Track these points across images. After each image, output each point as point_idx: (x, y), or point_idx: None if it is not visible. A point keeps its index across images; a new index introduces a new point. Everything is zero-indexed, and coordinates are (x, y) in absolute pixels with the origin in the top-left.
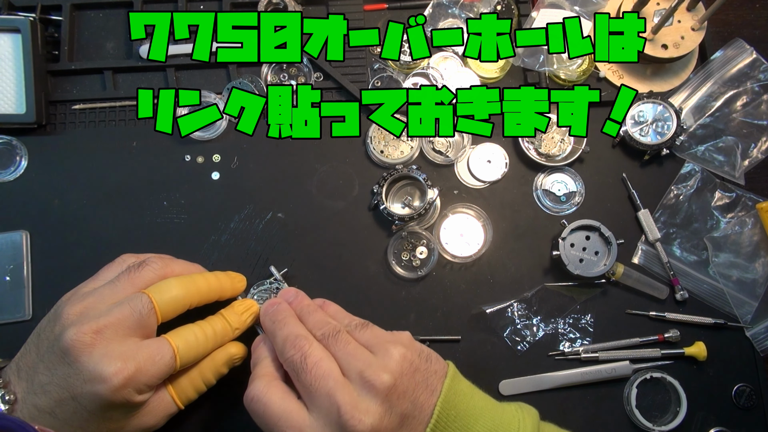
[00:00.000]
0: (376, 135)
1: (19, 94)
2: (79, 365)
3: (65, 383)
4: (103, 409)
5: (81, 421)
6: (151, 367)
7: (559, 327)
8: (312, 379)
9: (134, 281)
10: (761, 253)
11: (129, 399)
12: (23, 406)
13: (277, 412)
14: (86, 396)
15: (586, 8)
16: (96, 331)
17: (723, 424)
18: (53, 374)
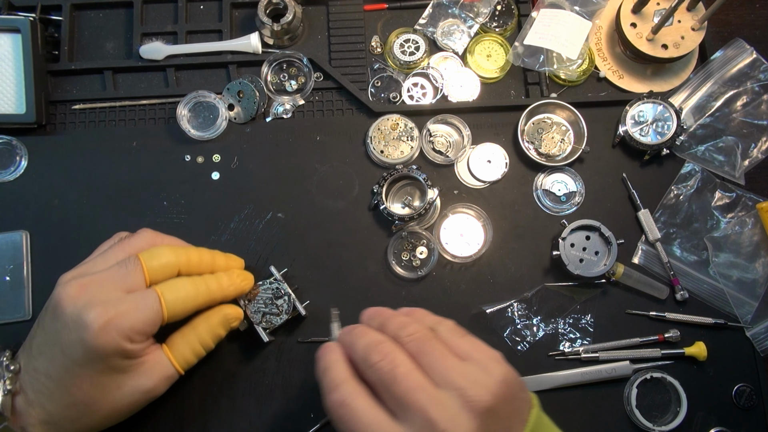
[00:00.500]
0: (376, 135)
1: (19, 94)
2: (65, 316)
3: (55, 338)
4: (91, 360)
5: (73, 377)
6: (135, 313)
7: (559, 327)
8: (404, 391)
9: (125, 248)
10: (761, 253)
11: (116, 345)
12: (25, 372)
13: (365, 420)
14: (72, 345)
15: (586, 8)
16: (81, 284)
17: (723, 425)
18: (47, 333)
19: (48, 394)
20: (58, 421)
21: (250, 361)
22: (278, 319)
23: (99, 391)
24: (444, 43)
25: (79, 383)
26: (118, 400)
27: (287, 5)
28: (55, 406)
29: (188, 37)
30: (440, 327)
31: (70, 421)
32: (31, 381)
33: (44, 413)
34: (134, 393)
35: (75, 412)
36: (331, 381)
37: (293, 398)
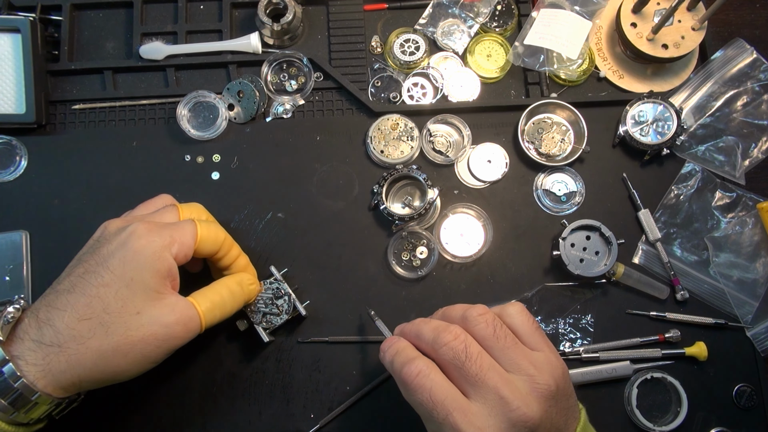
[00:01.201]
0: (376, 135)
1: (19, 94)
2: (109, 235)
3: (93, 256)
4: (124, 262)
5: (99, 285)
6: (174, 226)
7: (559, 327)
8: (478, 369)
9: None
10: (762, 253)
11: (154, 252)
12: (39, 302)
13: (443, 391)
14: (110, 253)
15: (586, 8)
16: (123, 218)
17: (723, 425)
18: (81, 257)
19: (62, 308)
20: (63, 341)
21: (250, 361)
22: (278, 319)
23: (119, 305)
24: (444, 43)
25: (104, 293)
26: (135, 326)
27: (287, 5)
28: (67, 319)
29: (188, 37)
30: (508, 311)
31: (78, 340)
32: (47, 302)
33: (51, 331)
34: (152, 323)
35: (86, 328)
36: (404, 358)
37: (293, 398)
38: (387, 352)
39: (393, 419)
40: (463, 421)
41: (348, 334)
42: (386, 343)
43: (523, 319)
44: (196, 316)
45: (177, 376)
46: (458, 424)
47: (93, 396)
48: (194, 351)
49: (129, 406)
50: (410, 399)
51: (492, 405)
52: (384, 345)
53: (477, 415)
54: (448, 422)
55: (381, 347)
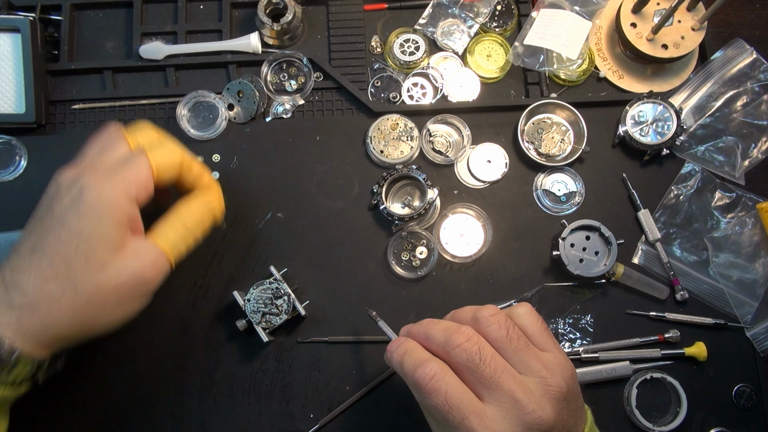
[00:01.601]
0: (375, 135)
1: (19, 93)
2: (60, 188)
3: (48, 211)
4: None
5: (57, 243)
6: (125, 166)
7: (559, 327)
8: (492, 372)
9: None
10: (761, 254)
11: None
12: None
13: (458, 395)
14: (66, 209)
15: (586, 8)
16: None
17: (723, 425)
18: (37, 214)
19: (26, 269)
20: (34, 302)
21: (250, 361)
22: (278, 319)
23: (82, 261)
24: (444, 43)
25: (64, 251)
26: (103, 280)
27: (287, 5)
28: (33, 280)
29: (188, 36)
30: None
31: (48, 300)
32: (11, 265)
33: (19, 293)
34: (120, 274)
35: (55, 287)
36: (415, 360)
37: (293, 398)
38: (395, 353)
39: (393, 419)
40: (479, 425)
41: (348, 334)
42: (393, 344)
43: (532, 319)
44: (163, 256)
45: (177, 376)
46: (474, 429)
47: (93, 396)
48: (194, 351)
49: (129, 406)
50: (424, 402)
51: (507, 408)
52: (391, 346)
53: (492, 419)
54: (464, 426)
55: (387, 348)
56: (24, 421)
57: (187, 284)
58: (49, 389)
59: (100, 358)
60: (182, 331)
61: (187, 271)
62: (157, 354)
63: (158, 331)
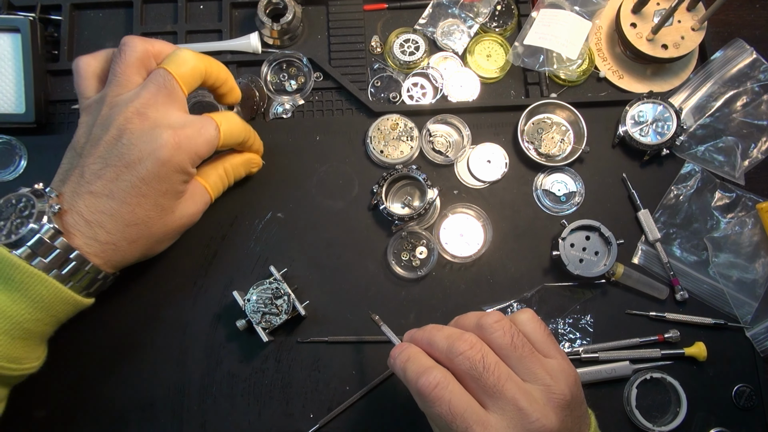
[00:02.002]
0: (375, 135)
1: (19, 93)
2: (133, 136)
3: (121, 161)
4: (159, 178)
5: (138, 195)
6: (199, 138)
7: (559, 327)
8: (496, 381)
9: (137, 64)
10: (761, 254)
11: (183, 166)
12: (75, 197)
13: (462, 403)
14: (142, 162)
15: (586, 8)
16: (137, 113)
17: (723, 425)
18: (107, 159)
19: (109, 214)
20: (117, 241)
21: (250, 361)
22: (278, 319)
23: (158, 211)
24: (444, 43)
25: (144, 202)
26: (171, 223)
27: (287, 5)
28: (116, 224)
29: (188, 37)
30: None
31: (128, 241)
32: (88, 204)
33: (103, 232)
34: (183, 216)
35: (135, 231)
36: (419, 367)
37: (293, 398)
38: (398, 359)
39: (393, 419)
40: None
41: (347, 334)
42: (396, 350)
43: (535, 326)
44: (209, 197)
45: (177, 376)
46: None
47: (93, 396)
48: (194, 351)
49: (129, 406)
50: (428, 411)
51: (510, 417)
52: (394, 351)
53: (496, 428)
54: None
55: (391, 353)
56: (24, 421)
57: (187, 284)
58: (50, 389)
59: (101, 358)
60: (182, 331)
61: (187, 271)
62: (157, 354)
63: (158, 331)
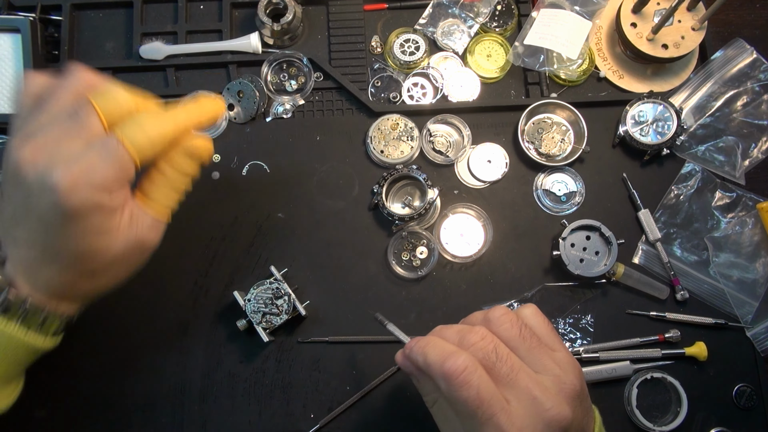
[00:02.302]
0: (376, 135)
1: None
2: (28, 183)
3: (25, 207)
4: (70, 221)
5: (56, 242)
6: (102, 164)
7: (559, 327)
8: (509, 370)
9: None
10: (762, 253)
11: (93, 201)
12: (7, 244)
13: (489, 390)
14: (45, 211)
15: (586, 8)
16: (35, 145)
17: (723, 425)
18: (15, 204)
19: (38, 263)
20: (58, 287)
21: (250, 361)
22: (278, 319)
23: (88, 251)
24: (444, 43)
25: (66, 246)
26: (113, 255)
27: (287, 5)
28: (51, 272)
29: (188, 37)
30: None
31: (70, 284)
32: (17, 253)
33: (42, 281)
34: (126, 246)
35: (72, 275)
36: (442, 351)
37: (293, 398)
38: (415, 347)
39: (393, 419)
40: (507, 423)
41: (348, 334)
42: (412, 341)
43: (539, 320)
44: (157, 220)
45: (177, 376)
46: (503, 426)
47: (93, 396)
48: (194, 351)
49: (129, 406)
50: (453, 395)
51: (525, 405)
52: (410, 343)
53: (517, 416)
54: (493, 423)
55: (406, 346)
56: (24, 421)
57: (187, 284)
58: (50, 389)
59: (101, 358)
60: (182, 331)
61: (188, 271)
62: (157, 354)
63: (158, 331)
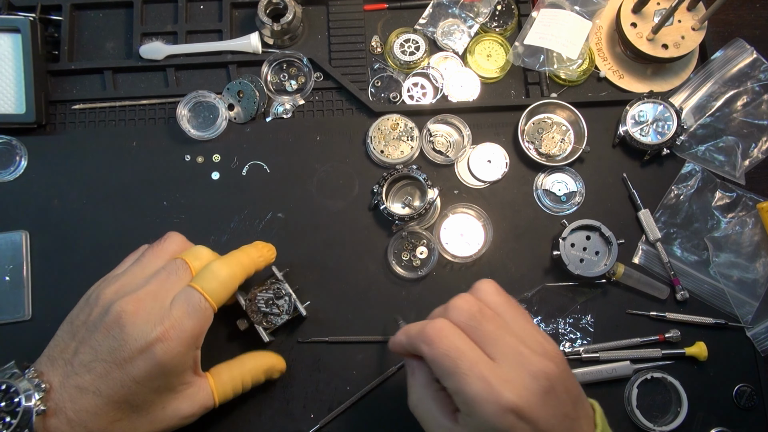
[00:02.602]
0: (376, 135)
1: (19, 94)
2: (125, 334)
3: (112, 356)
4: (153, 376)
5: (127, 394)
6: (189, 321)
7: (559, 327)
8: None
9: (159, 253)
10: (762, 253)
11: (178, 359)
12: (62, 390)
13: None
14: (134, 362)
15: (586, 8)
16: (137, 299)
17: (724, 425)
18: (97, 351)
19: (93, 412)
20: None
21: None
22: (279, 319)
23: (145, 408)
24: (444, 43)
25: (132, 399)
26: (158, 421)
27: (287, 5)
28: (99, 423)
29: (188, 37)
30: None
31: None
32: (72, 398)
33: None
34: (174, 417)
35: (117, 429)
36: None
37: (293, 398)
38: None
39: (393, 419)
40: (490, 372)
41: (348, 334)
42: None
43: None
44: (213, 403)
45: None
46: (485, 373)
47: None
48: None
49: None
50: (434, 353)
51: (512, 360)
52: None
53: (501, 368)
54: (475, 372)
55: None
56: None
57: None
58: None
59: None
60: None
61: None
62: None
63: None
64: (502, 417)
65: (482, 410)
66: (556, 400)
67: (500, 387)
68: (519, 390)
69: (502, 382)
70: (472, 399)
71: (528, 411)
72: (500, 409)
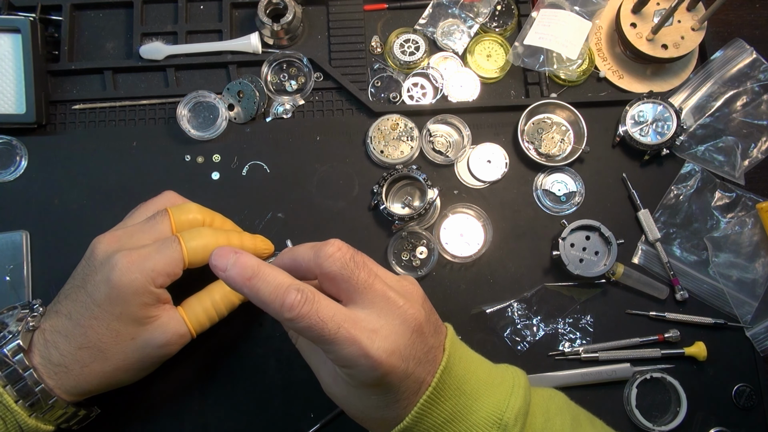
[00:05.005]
0: (376, 135)
1: (19, 94)
2: (95, 260)
3: (83, 281)
4: (112, 300)
5: (91, 318)
6: (156, 255)
7: (559, 327)
8: (366, 276)
9: (150, 207)
10: (761, 253)
11: (137, 287)
12: (48, 315)
13: (330, 309)
14: (96, 285)
15: (586, 8)
16: (114, 236)
17: (723, 425)
18: (75, 279)
19: (64, 333)
20: (68, 364)
21: (250, 361)
22: None
23: (113, 336)
24: (444, 43)
25: (96, 325)
26: (131, 351)
27: (287, 5)
28: (69, 346)
29: (188, 37)
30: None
31: (81, 364)
32: (51, 322)
33: (57, 353)
34: (146, 346)
35: (87, 355)
36: (275, 288)
37: (293, 398)
38: (234, 272)
39: None
40: (355, 328)
41: None
42: (221, 259)
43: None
44: (188, 333)
45: (177, 375)
46: (351, 332)
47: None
48: (194, 352)
49: (129, 407)
50: (296, 326)
51: (381, 307)
52: (219, 261)
53: (367, 320)
54: (341, 335)
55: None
56: None
57: (187, 284)
58: None
59: None
60: None
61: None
62: None
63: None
64: (377, 368)
65: (358, 368)
66: (423, 336)
67: (369, 341)
68: (391, 337)
69: (369, 333)
70: (347, 361)
71: (399, 354)
72: (374, 363)
